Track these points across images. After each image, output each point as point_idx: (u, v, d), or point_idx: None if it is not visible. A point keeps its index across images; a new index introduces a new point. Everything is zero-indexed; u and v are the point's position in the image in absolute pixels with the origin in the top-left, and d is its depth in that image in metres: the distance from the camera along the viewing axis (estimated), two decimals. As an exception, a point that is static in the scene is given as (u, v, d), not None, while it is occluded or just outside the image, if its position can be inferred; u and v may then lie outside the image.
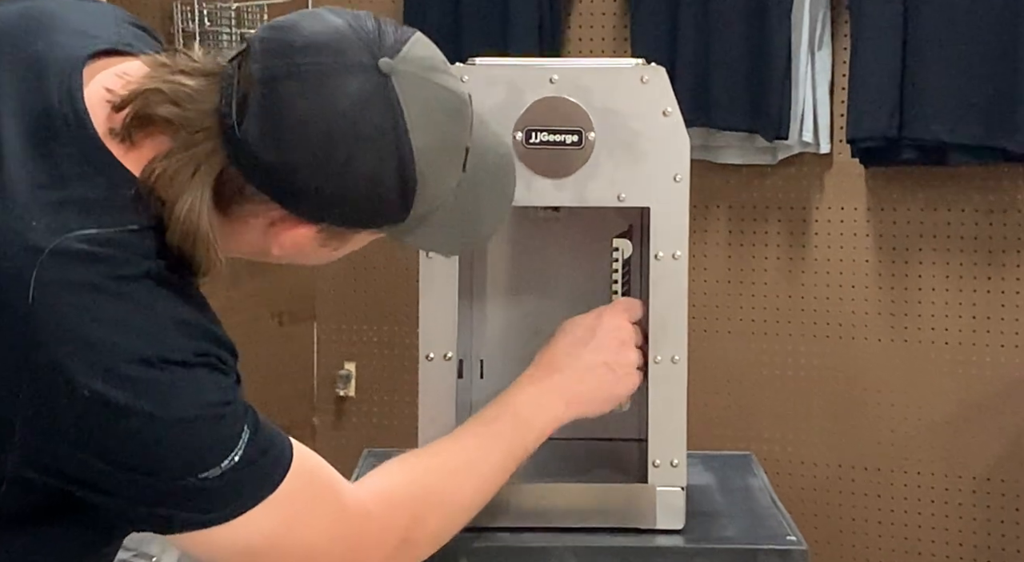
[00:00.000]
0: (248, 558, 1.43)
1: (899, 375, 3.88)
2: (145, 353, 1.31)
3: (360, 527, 1.49)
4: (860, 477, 3.94)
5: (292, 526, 1.43)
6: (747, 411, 4.01)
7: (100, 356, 1.29)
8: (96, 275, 1.31)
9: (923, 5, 3.64)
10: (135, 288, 1.32)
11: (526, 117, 1.75)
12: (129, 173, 1.36)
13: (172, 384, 1.32)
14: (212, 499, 1.36)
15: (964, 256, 3.81)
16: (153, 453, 1.33)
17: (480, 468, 1.63)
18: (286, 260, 1.49)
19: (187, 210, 1.34)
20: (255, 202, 1.38)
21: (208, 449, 1.35)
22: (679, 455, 1.78)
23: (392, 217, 1.42)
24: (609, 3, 4.08)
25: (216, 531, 1.38)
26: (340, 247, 1.47)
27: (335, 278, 4.38)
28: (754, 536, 1.81)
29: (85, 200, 1.33)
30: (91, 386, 1.29)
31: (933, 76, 3.64)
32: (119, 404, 1.30)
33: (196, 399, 1.34)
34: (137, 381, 1.30)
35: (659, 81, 1.76)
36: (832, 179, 3.93)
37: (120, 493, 1.35)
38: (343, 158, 1.35)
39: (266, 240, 1.42)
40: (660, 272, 1.76)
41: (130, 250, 1.33)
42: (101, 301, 1.31)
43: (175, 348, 1.33)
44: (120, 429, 1.31)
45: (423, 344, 1.78)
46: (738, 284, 4.02)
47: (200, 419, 1.34)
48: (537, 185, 1.76)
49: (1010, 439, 3.77)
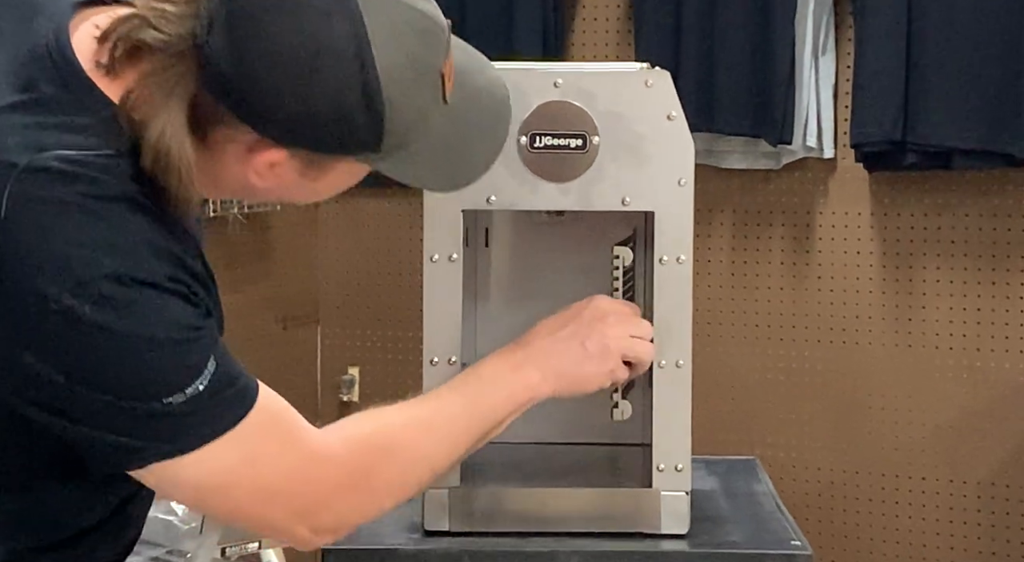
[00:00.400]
0: (209, 493, 1.43)
1: (903, 380, 3.88)
2: (117, 270, 1.32)
3: (320, 470, 1.49)
4: (864, 482, 3.94)
5: (253, 463, 1.43)
6: (751, 415, 4.01)
7: (71, 272, 1.30)
8: (70, 193, 1.32)
9: (927, 10, 3.64)
10: (109, 207, 1.33)
11: (531, 121, 1.75)
12: (108, 100, 1.37)
13: (142, 303, 1.33)
14: (175, 427, 1.37)
15: (968, 261, 3.80)
16: (119, 372, 1.33)
17: (444, 425, 1.60)
18: (272, 196, 1.47)
19: (159, 132, 1.34)
20: (229, 126, 1.38)
21: (174, 372, 1.35)
22: (684, 459, 1.78)
23: (363, 141, 1.40)
24: (613, 8, 4.08)
25: (178, 464, 1.38)
26: (320, 178, 1.44)
27: (339, 282, 4.38)
28: (759, 541, 1.81)
29: (63, 124, 1.34)
30: (61, 301, 1.30)
31: (937, 81, 3.64)
32: (88, 320, 1.31)
33: (165, 320, 1.35)
34: (107, 298, 1.31)
35: (664, 85, 1.76)
36: (836, 184, 3.93)
37: (84, 418, 1.35)
38: (306, 72, 1.34)
39: (245, 169, 1.41)
40: (664, 276, 1.76)
41: (106, 172, 1.34)
42: (74, 218, 1.31)
43: (147, 269, 1.34)
44: (87, 345, 1.32)
45: (427, 349, 1.78)
46: (742, 289, 4.01)
47: (168, 342, 1.35)
48: (542, 189, 1.76)
49: (1014, 444, 3.76)
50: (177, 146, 1.35)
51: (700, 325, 1.79)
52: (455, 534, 1.79)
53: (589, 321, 1.69)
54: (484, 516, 1.79)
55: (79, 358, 1.33)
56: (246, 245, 4.03)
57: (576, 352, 1.68)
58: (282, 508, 1.47)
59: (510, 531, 1.79)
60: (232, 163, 1.41)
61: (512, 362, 1.66)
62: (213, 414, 1.39)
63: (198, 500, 1.45)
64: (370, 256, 4.35)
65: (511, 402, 1.65)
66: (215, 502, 1.45)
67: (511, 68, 1.79)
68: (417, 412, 1.60)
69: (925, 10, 3.64)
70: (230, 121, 1.37)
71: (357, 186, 1.53)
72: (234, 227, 3.87)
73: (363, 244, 4.34)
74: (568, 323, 1.69)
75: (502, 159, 1.75)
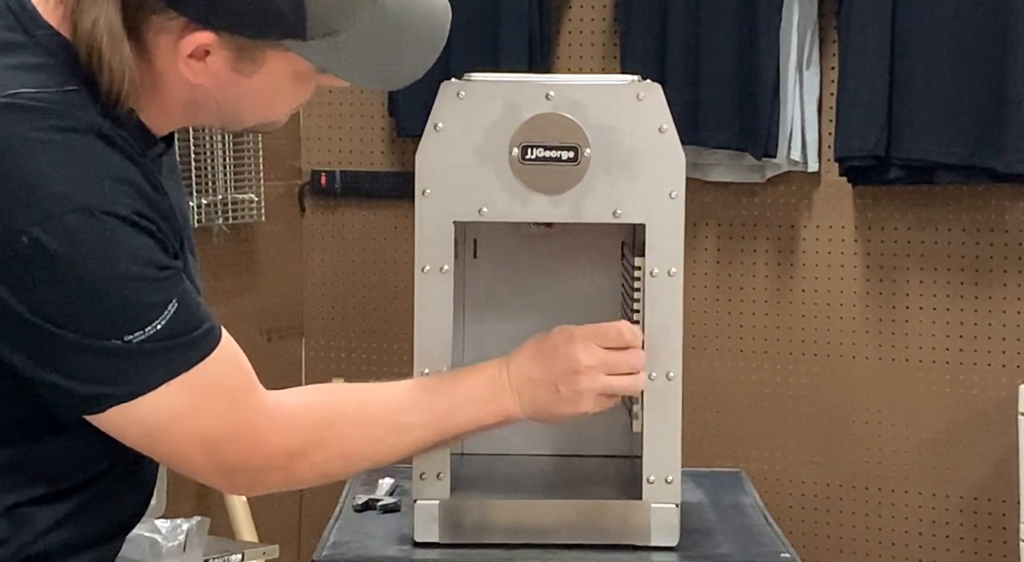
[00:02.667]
0: (149, 436, 1.45)
1: (887, 393, 3.88)
2: (86, 203, 1.34)
3: (259, 435, 1.50)
4: (848, 495, 3.94)
5: (197, 411, 1.45)
6: (735, 429, 4.01)
7: (40, 204, 1.33)
8: (38, 128, 1.34)
9: (911, 25, 3.65)
10: (78, 140, 1.35)
11: (522, 133, 1.75)
12: (65, 39, 1.39)
13: (109, 236, 1.35)
14: (131, 368, 1.39)
15: (951, 275, 3.81)
16: (81, 305, 1.35)
17: (399, 424, 1.61)
18: (212, 102, 1.47)
19: (92, 24, 1.37)
20: (157, 13, 1.39)
21: (136, 310, 1.37)
22: (674, 472, 1.78)
23: (289, 26, 1.40)
24: (599, 21, 4.08)
25: (130, 406, 1.40)
26: (254, 72, 1.44)
27: (324, 295, 4.37)
28: (749, 553, 1.81)
29: (23, 65, 1.37)
30: (30, 233, 1.32)
31: (921, 95, 3.65)
32: (56, 253, 1.33)
33: (130, 256, 1.37)
34: (75, 229, 1.33)
35: (655, 98, 1.76)
36: (820, 198, 3.93)
37: (44, 356, 1.37)
38: None
39: (177, 64, 1.41)
40: (655, 289, 1.76)
41: (72, 106, 1.36)
42: (44, 151, 1.34)
43: (116, 202, 1.36)
44: (52, 278, 1.34)
45: (418, 360, 1.78)
46: (726, 302, 4.02)
47: (132, 278, 1.37)
48: (533, 201, 1.76)
49: (998, 458, 3.77)
50: (109, 35, 1.37)
51: (684, 338, 1.79)
52: (445, 546, 1.79)
53: (562, 371, 1.68)
54: (474, 528, 1.79)
55: (45, 292, 1.35)
56: (230, 257, 4.02)
57: (550, 395, 1.68)
58: (211, 459, 1.48)
59: (500, 543, 1.79)
60: (165, 59, 1.42)
61: (494, 387, 1.67)
62: (168, 357, 1.40)
63: (145, 441, 1.46)
64: (355, 268, 4.34)
65: (478, 424, 1.66)
66: (160, 445, 1.46)
67: (502, 80, 1.80)
68: (377, 410, 1.60)
69: (909, 25, 3.65)
70: (158, 7, 1.39)
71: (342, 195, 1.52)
72: (219, 239, 3.87)
73: (348, 256, 4.33)
74: (545, 362, 1.68)
75: (493, 171, 1.76)
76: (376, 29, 1.44)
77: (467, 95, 1.77)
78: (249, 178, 3.99)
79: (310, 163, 4.33)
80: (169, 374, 1.41)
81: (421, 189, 1.77)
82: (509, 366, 1.68)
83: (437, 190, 1.77)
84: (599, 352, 1.69)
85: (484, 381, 1.67)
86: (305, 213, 4.35)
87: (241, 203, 3.97)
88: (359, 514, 1.95)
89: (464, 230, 1.95)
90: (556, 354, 1.68)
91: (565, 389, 1.67)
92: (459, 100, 1.77)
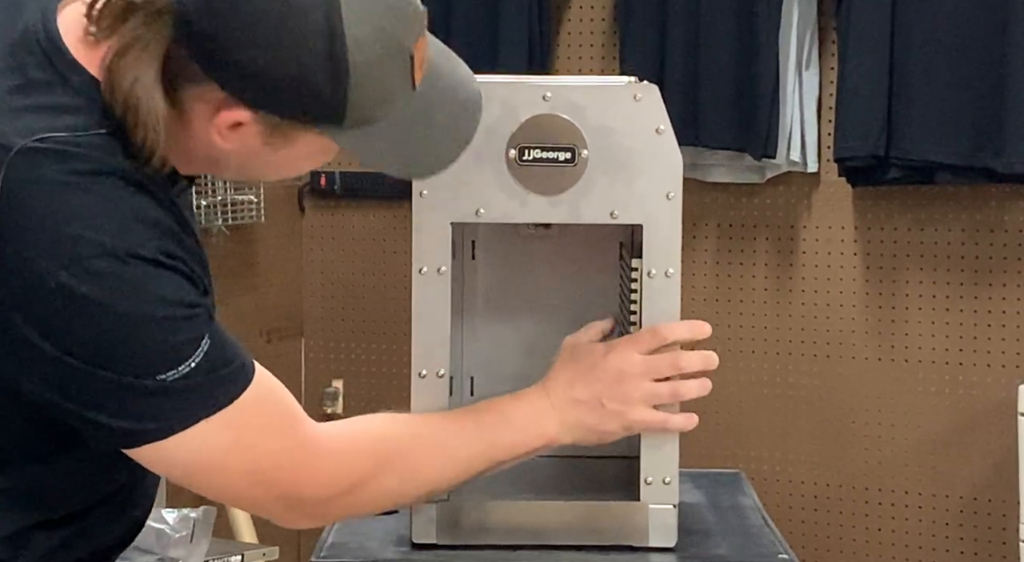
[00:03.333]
0: (200, 472, 1.45)
1: (886, 394, 3.88)
2: (112, 246, 1.33)
3: (309, 461, 1.50)
4: (847, 496, 3.94)
5: (243, 445, 1.44)
6: (734, 429, 4.01)
7: (67, 249, 1.32)
8: (64, 172, 1.33)
9: (910, 25, 3.66)
10: (103, 183, 1.35)
11: (519, 134, 1.75)
12: (93, 77, 1.38)
13: (138, 279, 1.35)
14: (167, 405, 1.38)
15: (951, 275, 3.81)
16: (114, 347, 1.35)
17: (454, 452, 1.63)
18: (238, 167, 1.48)
19: (131, 82, 1.36)
20: (197, 83, 1.38)
21: (169, 349, 1.37)
22: (671, 472, 1.78)
23: (326, 110, 1.40)
24: (598, 22, 4.08)
25: (170, 443, 1.40)
26: (283, 148, 1.44)
27: (323, 296, 4.37)
28: (747, 554, 1.81)
29: (53, 105, 1.36)
30: (58, 278, 1.32)
31: (920, 96, 3.65)
32: (85, 296, 1.32)
33: (160, 296, 1.36)
34: (103, 274, 1.33)
35: (652, 98, 1.76)
36: (820, 198, 3.93)
37: (79, 396, 1.37)
38: (274, 31, 1.35)
39: (210, 130, 1.41)
40: (653, 290, 1.76)
41: (98, 150, 1.36)
42: (68, 195, 1.33)
43: (142, 244, 1.35)
44: (83, 321, 1.33)
45: (416, 361, 1.78)
46: (725, 302, 4.02)
47: (163, 318, 1.36)
48: (530, 202, 1.76)
49: (997, 458, 3.77)
50: (147, 96, 1.36)
51: (683, 339, 1.79)
52: (443, 547, 1.78)
53: (605, 385, 1.70)
54: (472, 529, 1.79)
55: (76, 333, 1.34)
56: (230, 258, 4.02)
57: (596, 413, 1.70)
58: (268, 492, 1.49)
59: (498, 544, 1.78)
60: (200, 125, 1.41)
61: (537, 409, 1.68)
62: (206, 393, 1.40)
63: (188, 478, 1.47)
64: (354, 269, 4.34)
65: (525, 447, 1.68)
66: (205, 480, 1.47)
67: (499, 81, 1.79)
68: (432, 431, 1.62)
69: (908, 25, 3.66)
70: (199, 78, 1.38)
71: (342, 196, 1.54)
72: (218, 240, 3.87)
73: (347, 257, 4.34)
74: (587, 380, 1.70)
75: (491, 172, 1.76)
76: (409, 120, 1.45)
77: (464, 96, 1.77)
78: (248, 179, 3.99)
79: (310, 164, 4.32)
80: (208, 411, 1.40)
81: (418, 190, 1.77)
82: (549, 391, 1.69)
83: (434, 191, 1.76)
84: (638, 358, 1.70)
85: (527, 408, 1.68)
86: (304, 214, 4.35)
87: (241, 204, 3.97)
88: (357, 515, 1.94)
89: (462, 231, 1.95)
90: (595, 370, 1.70)
91: (611, 403, 1.69)
92: None
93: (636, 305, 1.76)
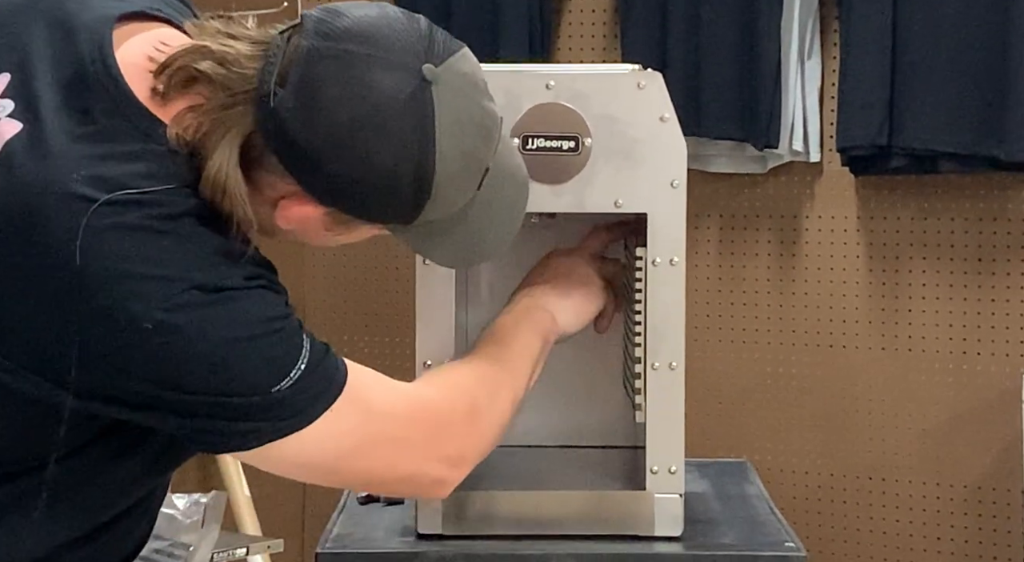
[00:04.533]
0: (344, 459, 1.48)
1: (890, 383, 3.88)
2: (199, 281, 1.35)
3: (431, 408, 1.56)
4: (851, 486, 3.94)
5: (371, 416, 1.48)
6: (738, 419, 4.01)
7: (156, 290, 1.33)
8: (140, 218, 1.34)
9: (912, 15, 3.65)
10: (178, 224, 1.36)
11: (523, 123, 1.74)
12: (164, 130, 1.39)
13: (230, 306, 1.36)
14: (287, 408, 1.41)
15: (954, 264, 3.81)
16: (223, 375, 1.36)
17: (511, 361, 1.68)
18: (288, 236, 1.50)
19: (217, 169, 1.37)
20: (273, 173, 1.40)
21: (276, 362, 1.39)
22: (677, 462, 1.78)
23: (400, 217, 1.45)
24: (599, 11, 4.07)
25: (306, 435, 1.42)
26: (343, 234, 1.49)
27: (325, 289, 4.37)
28: (753, 543, 1.81)
29: (125, 154, 1.36)
30: (153, 317, 1.32)
31: (922, 85, 3.64)
32: (183, 330, 1.34)
33: (255, 317, 1.38)
34: (195, 306, 1.34)
35: (656, 87, 1.75)
36: (822, 188, 3.93)
37: (197, 414, 1.38)
38: (364, 149, 1.37)
39: (274, 213, 1.44)
40: (657, 278, 1.76)
41: (171, 196, 1.37)
42: (147, 239, 1.34)
43: (226, 275, 1.37)
44: (187, 355, 1.35)
45: (420, 351, 1.77)
46: (728, 293, 4.01)
47: (263, 336, 1.38)
48: (535, 191, 1.75)
49: (1001, 448, 3.77)
50: (233, 182, 1.38)
51: (687, 329, 1.78)
52: (448, 538, 1.78)
53: (566, 269, 1.80)
54: (477, 519, 1.79)
55: (182, 370, 1.35)
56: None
57: (566, 286, 1.78)
58: (412, 451, 1.53)
59: (504, 534, 1.78)
60: (264, 205, 1.43)
61: (528, 313, 1.74)
62: (319, 387, 1.43)
63: (333, 470, 1.50)
64: (357, 262, 4.34)
65: (542, 344, 1.73)
66: (349, 466, 1.50)
67: (503, 70, 1.79)
68: (487, 351, 1.68)
69: (910, 14, 3.65)
70: (277, 170, 1.40)
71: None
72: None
73: (350, 250, 4.33)
74: (545, 274, 1.80)
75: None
76: (471, 219, 1.48)
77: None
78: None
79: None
80: (327, 400, 1.44)
81: (422, 180, 1.76)
82: (523, 293, 1.78)
83: (438, 181, 1.76)
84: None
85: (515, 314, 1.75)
86: (306, 207, 4.34)
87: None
88: (363, 507, 1.94)
89: (466, 221, 1.95)
90: (549, 266, 1.81)
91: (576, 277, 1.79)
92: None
93: (641, 294, 1.76)
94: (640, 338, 1.77)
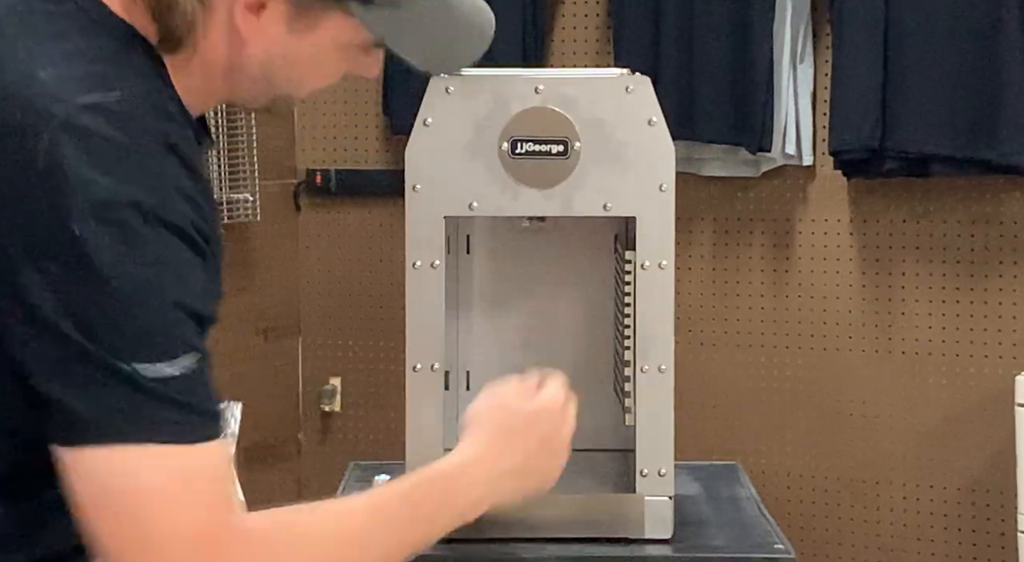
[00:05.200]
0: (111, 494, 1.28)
1: (883, 386, 3.89)
2: (143, 201, 1.29)
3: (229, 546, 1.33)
4: (844, 488, 3.94)
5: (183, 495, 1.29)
6: (731, 422, 4.01)
7: (95, 195, 1.27)
8: (109, 129, 1.29)
9: (904, 18, 3.66)
10: (148, 147, 1.31)
11: (511, 127, 1.75)
12: (130, 28, 1.37)
13: (161, 245, 1.29)
14: (130, 406, 1.26)
15: (947, 267, 3.82)
16: (111, 313, 1.27)
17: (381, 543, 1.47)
18: (259, 65, 1.45)
19: None
20: None
21: (157, 335, 1.28)
22: (667, 465, 1.78)
23: None
24: (592, 17, 4.08)
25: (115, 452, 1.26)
26: (309, 33, 1.42)
27: (320, 294, 4.37)
28: (742, 545, 1.81)
29: (90, 54, 1.34)
30: (81, 224, 1.26)
31: (915, 88, 3.65)
32: (101, 246, 1.26)
33: (178, 273, 1.31)
34: (125, 225, 1.28)
35: (644, 91, 1.76)
36: (815, 191, 3.94)
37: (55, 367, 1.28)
38: None
39: (235, 15, 1.39)
40: (646, 281, 1.76)
41: (142, 108, 1.33)
42: (112, 150, 1.29)
43: (172, 210, 1.31)
44: (90, 276, 1.27)
45: (410, 355, 1.78)
46: (722, 296, 4.02)
47: (171, 301, 1.30)
48: (524, 195, 1.76)
49: (994, 450, 3.77)
50: None
51: (681, 332, 1.79)
52: (440, 541, 1.78)
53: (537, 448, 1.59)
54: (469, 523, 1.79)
55: (77, 287, 1.27)
56: (226, 256, 4.01)
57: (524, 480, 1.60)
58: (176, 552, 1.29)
59: (495, 538, 1.79)
60: (219, 28, 1.39)
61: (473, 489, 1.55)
62: (175, 415, 1.28)
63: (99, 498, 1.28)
64: (351, 266, 4.34)
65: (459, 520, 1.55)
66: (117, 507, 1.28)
67: (491, 74, 1.80)
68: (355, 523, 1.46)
69: (902, 18, 3.66)
70: None
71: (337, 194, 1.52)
72: (214, 238, 3.87)
73: (344, 254, 4.34)
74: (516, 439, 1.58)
75: (483, 165, 1.76)
76: (433, 10, 1.44)
77: (456, 90, 1.77)
78: (244, 177, 3.99)
79: (305, 162, 4.33)
80: (168, 436, 1.27)
81: (411, 185, 1.77)
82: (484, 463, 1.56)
83: (427, 186, 1.77)
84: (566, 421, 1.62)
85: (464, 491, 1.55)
86: (300, 212, 4.35)
87: (236, 203, 3.97)
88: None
89: (457, 226, 1.95)
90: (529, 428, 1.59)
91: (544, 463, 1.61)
92: (448, 95, 1.77)
93: (630, 297, 1.77)
94: (629, 341, 1.77)
